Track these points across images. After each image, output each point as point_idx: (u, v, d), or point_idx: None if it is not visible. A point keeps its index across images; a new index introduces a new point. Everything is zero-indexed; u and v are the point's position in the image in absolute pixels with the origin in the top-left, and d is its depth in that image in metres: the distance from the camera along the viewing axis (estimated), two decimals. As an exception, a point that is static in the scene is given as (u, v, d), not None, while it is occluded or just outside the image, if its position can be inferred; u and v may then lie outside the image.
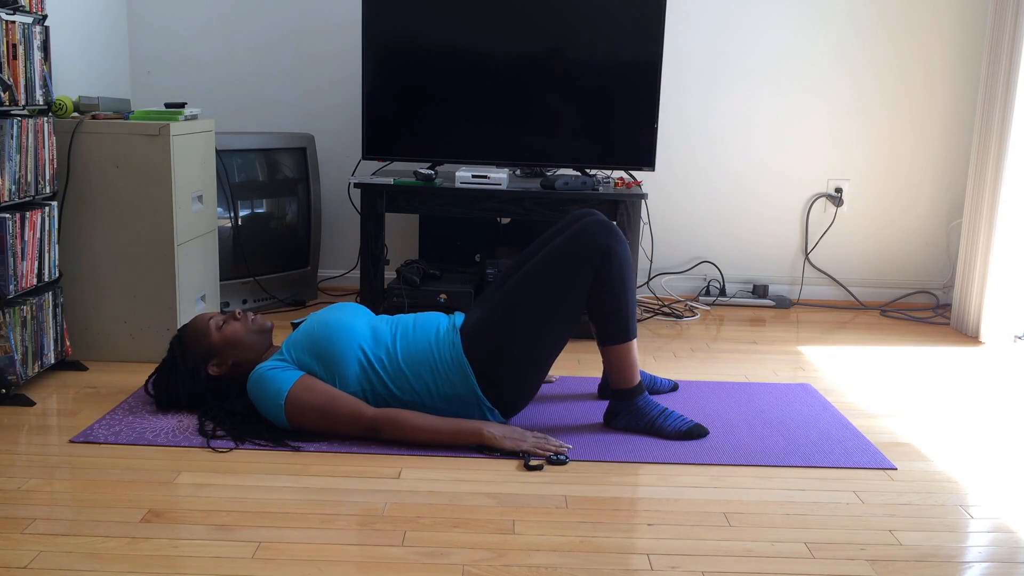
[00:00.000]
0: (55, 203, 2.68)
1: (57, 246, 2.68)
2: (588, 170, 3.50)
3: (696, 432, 2.37)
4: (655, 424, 2.38)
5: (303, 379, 2.25)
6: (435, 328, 2.33)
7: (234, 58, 3.87)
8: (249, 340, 2.38)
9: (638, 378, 2.41)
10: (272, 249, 3.60)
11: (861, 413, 2.62)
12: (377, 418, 2.24)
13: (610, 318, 2.34)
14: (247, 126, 3.90)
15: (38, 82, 2.57)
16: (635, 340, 2.38)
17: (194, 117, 2.99)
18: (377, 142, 3.47)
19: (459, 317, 2.38)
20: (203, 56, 3.87)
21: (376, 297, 3.31)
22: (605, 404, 2.55)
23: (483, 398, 2.29)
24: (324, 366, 2.27)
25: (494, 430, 2.25)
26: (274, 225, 3.62)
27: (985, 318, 3.46)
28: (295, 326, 2.42)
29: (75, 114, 2.81)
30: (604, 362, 2.42)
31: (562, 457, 2.18)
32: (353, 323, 2.32)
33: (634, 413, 2.40)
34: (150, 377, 2.47)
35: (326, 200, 3.92)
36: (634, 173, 3.72)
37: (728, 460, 2.23)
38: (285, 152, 3.63)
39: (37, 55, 2.56)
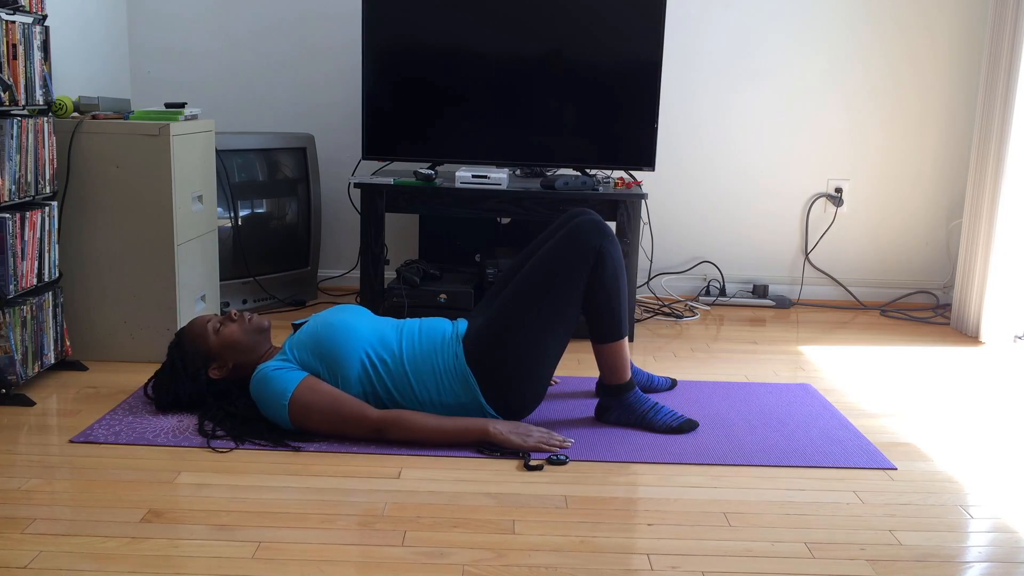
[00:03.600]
0: (55, 203, 2.68)
1: (57, 246, 2.68)
2: (588, 170, 3.50)
3: (686, 427, 2.38)
4: (646, 418, 2.39)
5: (307, 379, 2.25)
6: (440, 336, 2.33)
7: (234, 58, 3.87)
8: (248, 341, 2.38)
9: (629, 375, 2.42)
10: (272, 249, 3.60)
11: (861, 413, 2.62)
12: (383, 419, 2.24)
13: (603, 317, 2.35)
14: (247, 126, 3.90)
15: (38, 82, 2.57)
16: (626, 339, 2.40)
17: (194, 117, 2.99)
18: (377, 142, 3.47)
19: (462, 324, 2.38)
20: (203, 56, 3.87)
21: (376, 297, 3.31)
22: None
23: (487, 406, 2.29)
24: (327, 367, 2.27)
25: (500, 427, 2.25)
26: (274, 225, 3.62)
27: (985, 318, 3.46)
28: (296, 327, 2.42)
29: (75, 114, 2.81)
30: (597, 358, 2.43)
31: (562, 457, 2.18)
32: (357, 325, 2.32)
33: (625, 408, 2.41)
34: (149, 381, 2.47)
35: (326, 200, 3.92)
36: (634, 173, 3.72)
37: (728, 460, 2.23)
38: (285, 152, 3.63)
39: (37, 55, 2.56)
